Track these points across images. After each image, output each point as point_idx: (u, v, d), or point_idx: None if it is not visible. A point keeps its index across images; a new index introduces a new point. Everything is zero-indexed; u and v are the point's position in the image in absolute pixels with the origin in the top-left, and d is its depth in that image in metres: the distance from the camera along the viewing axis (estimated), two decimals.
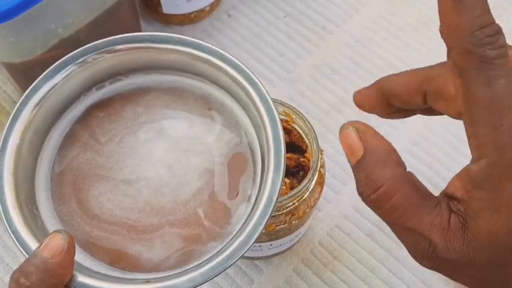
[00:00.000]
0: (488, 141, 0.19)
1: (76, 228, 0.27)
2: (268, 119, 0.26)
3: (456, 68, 0.20)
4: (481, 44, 0.19)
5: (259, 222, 0.24)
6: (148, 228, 0.27)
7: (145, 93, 0.30)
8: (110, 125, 0.29)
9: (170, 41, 0.28)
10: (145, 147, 0.29)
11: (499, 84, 0.19)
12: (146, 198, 0.27)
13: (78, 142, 0.29)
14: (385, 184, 0.22)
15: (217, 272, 0.24)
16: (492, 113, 0.19)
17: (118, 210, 0.27)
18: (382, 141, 0.23)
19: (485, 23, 0.19)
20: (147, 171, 0.28)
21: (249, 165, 0.28)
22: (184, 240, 0.27)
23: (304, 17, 0.52)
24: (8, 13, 0.33)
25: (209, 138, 0.29)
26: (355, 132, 0.23)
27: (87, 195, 0.28)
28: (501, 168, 0.19)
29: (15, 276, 0.23)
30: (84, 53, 0.28)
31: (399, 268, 0.41)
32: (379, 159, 0.22)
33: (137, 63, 0.30)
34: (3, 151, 0.26)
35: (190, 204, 0.27)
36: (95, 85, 0.30)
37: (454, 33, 0.19)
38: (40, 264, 0.22)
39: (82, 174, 0.28)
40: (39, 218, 0.27)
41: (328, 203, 0.43)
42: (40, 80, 0.28)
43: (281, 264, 0.41)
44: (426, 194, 0.22)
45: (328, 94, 0.48)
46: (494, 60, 0.19)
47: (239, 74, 0.27)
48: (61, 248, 0.23)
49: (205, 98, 0.30)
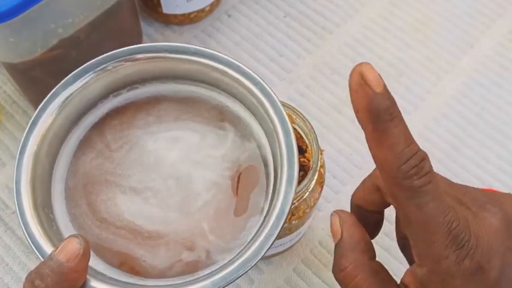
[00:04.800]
0: (426, 254, 0.22)
1: (87, 230, 0.27)
2: (282, 131, 0.27)
3: (391, 195, 0.22)
4: (407, 176, 0.21)
5: (271, 234, 0.24)
6: (153, 235, 0.27)
7: (159, 102, 0.31)
8: (121, 132, 0.30)
9: (187, 51, 0.29)
10: (155, 157, 0.29)
11: (428, 207, 0.21)
12: (152, 207, 0.28)
13: (92, 147, 0.30)
14: (348, 267, 0.25)
15: (229, 281, 0.24)
16: (426, 232, 0.22)
17: (125, 214, 0.28)
18: (357, 231, 0.26)
19: (409, 155, 0.21)
20: (155, 181, 0.28)
21: (261, 178, 0.28)
22: (189, 251, 0.27)
23: (304, 17, 0.52)
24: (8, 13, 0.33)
25: (220, 151, 0.29)
26: (338, 219, 0.27)
27: (96, 199, 0.28)
28: (439, 275, 0.22)
29: (30, 278, 0.23)
30: (104, 61, 0.29)
31: (399, 268, 0.41)
32: (349, 245, 0.26)
33: (154, 73, 0.30)
34: (21, 156, 0.27)
35: (195, 217, 0.27)
36: (112, 92, 0.30)
37: (383, 167, 0.21)
38: (55, 267, 0.23)
39: (93, 178, 0.29)
40: (55, 222, 0.27)
41: (328, 203, 0.43)
42: (60, 86, 0.28)
43: (281, 264, 0.41)
44: (386, 279, 0.26)
45: (328, 94, 0.48)
46: (421, 188, 0.21)
47: (255, 86, 0.28)
48: (76, 253, 0.23)
49: (220, 108, 0.30)
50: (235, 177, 0.28)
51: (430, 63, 0.50)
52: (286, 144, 0.26)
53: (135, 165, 0.29)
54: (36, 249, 0.25)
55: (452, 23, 0.52)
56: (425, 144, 0.46)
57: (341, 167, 0.45)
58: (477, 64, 0.49)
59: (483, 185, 0.44)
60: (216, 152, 0.29)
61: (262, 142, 0.29)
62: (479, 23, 0.52)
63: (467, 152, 0.46)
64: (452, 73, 0.49)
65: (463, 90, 0.48)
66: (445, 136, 0.46)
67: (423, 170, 0.21)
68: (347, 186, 0.44)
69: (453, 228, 0.21)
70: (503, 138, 0.46)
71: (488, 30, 0.51)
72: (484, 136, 0.46)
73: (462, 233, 0.22)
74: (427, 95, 0.48)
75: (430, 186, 0.21)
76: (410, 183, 0.21)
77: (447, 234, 0.21)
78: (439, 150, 0.45)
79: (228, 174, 0.28)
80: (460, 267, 0.22)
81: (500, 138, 0.46)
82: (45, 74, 0.40)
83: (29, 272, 0.23)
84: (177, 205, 0.28)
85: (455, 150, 0.46)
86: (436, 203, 0.21)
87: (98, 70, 0.29)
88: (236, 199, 0.28)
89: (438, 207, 0.21)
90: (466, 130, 0.46)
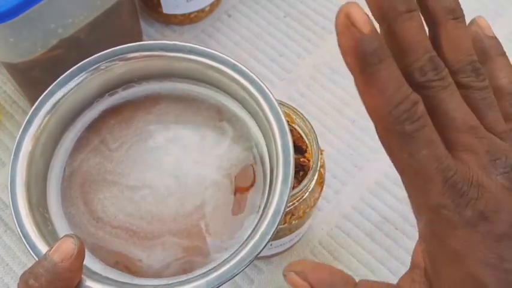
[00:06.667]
0: (423, 204, 0.21)
1: (82, 229, 0.27)
2: (278, 130, 0.26)
3: (384, 145, 0.21)
4: (399, 121, 0.19)
5: (266, 232, 0.24)
6: (149, 234, 0.27)
7: (157, 101, 0.31)
8: (120, 132, 0.30)
9: (183, 49, 0.29)
10: (154, 156, 0.29)
11: (421, 155, 0.20)
12: (149, 206, 0.28)
13: (89, 147, 0.29)
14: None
15: (224, 280, 0.24)
16: (420, 180, 0.20)
17: (121, 215, 0.28)
18: (322, 271, 0.25)
19: (399, 100, 0.19)
20: (153, 180, 0.28)
21: (258, 177, 0.28)
22: (185, 251, 0.27)
23: (304, 17, 0.52)
24: (8, 13, 0.33)
25: (219, 150, 0.29)
26: (296, 275, 0.25)
27: (94, 198, 0.28)
28: (439, 225, 0.21)
29: (24, 278, 0.23)
30: (98, 60, 0.29)
31: (399, 268, 0.41)
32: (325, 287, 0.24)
33: (150, 71, 0.30)
34: (16, 155, 0.27)
35: (192, 216, 0.27)
36: (108, 91, 0.30)
37: (374, 113, 0.20)
38: (50, 267, 0.23)
39: (90, 177, 0.29)
40: (50, 221, 0.27)
41: (328, 203, 0.43)
42: (54, 85, 0.28)
43: (281, 264, 0.41)
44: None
45: (328, 94, 0.48)
46: (413, 134, 0.20)
47: (251, 84, 0.28)
48: (71, 253, 0.23)
49: (217, 107, 0.30)
50: (233, 177, 0.28)
51: None
52: (282, 143, 0.26)
53: (134, 164, 0.29)
54: (31, 249, 0.25)
55: None
56: None
57: (341, 167, 0.45)
58: None
59: None
60: (214, 152, 0.29)
61: (259, 141, 0.29)
62: None
63: None
64: None
65: None
66: None
67: (415, 114, 0.19)
68: (347, 186, 0.44)
69: (449, 177, 0.20)
70: None
71: None
72: None
73: (460, 183, 0.20)
74: None
75: (423, 132, 0.20)
76: (402, 129, 0.19)
77: (443, 183, 0.20)
78: None
79: (226, 173, 0.28)
80: (460, 216, 0.20)
81: None
82: (45, 74, 0.40)
83: (24, 272, 0.23)
84: (175, 204, 0.28)
85: None
86: (429, 150, 0.20)
87: (92, 69, 0.28)
88: (233, 198, 0.28)
89: (432, 155, 0.20)
90: None
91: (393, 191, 0.44)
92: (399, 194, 0.44)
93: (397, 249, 0.42)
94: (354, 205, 0.43)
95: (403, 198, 0.43)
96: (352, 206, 0.43)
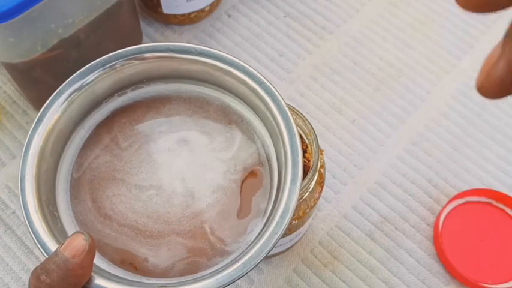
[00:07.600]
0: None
1: (89, 226, 0.28)
2: (286, 130, 0.27)
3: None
4: None
5: (275, 232, 0.24)
6: (154, 234, 0.27)
7: (167, 102, 0.31)
8: (131, 131, 0.30)
9: (192, 51, 0.29)
10: (163, 157, 0.29)
11: None
12: (155, 206, 0.28)
13: (99, 145, 0.30)
14: None
15: (233, 279, 0.24)
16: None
17: (129, 213, 0.28)
18: None
19: None
20: (161, 180, 0.28)
21: (265, 180, 0.28)
22: (189, 251, 0.27)
23: (304, 17, 0.52)
24: (8, 13, 0.33)
25: (227, 154, 0.29)
26: None
27: (102, 196, 0.28)
28: None
29: (36, 273, 0.23)
30: (110, 60, 0.29)
31: (399, 268, 0.41)
32: None
33: (158, 72, 0.30)
34: (26, 153, 0.27)
35: (197, 218, 0.28)
36: (117, 92, 0.30)
37: None
38: (61, 263, 0.23)
39: (99, 175, 0.29)
40: (59, 219, 0.27)
41: (328, 203, 0.43)
42: (65, 84, 0.28)
43: (281, 264, 0.41)
44: None
45: (328, 94, 0.48)
46: None
47: (259, 86, 0.28)
48: (82, 249, 0.23)
49: (224, 108, 0.30)
50: (240, 181, 0.28)
51: (430, 63, 0.50)
52: (291, 143, 0.26)
53: (143, 163, 0.29)
54: (41, 247, 0.25)
55: (452, 23, 0.52)
56: (426, 144, 0.46)
57: (341, 167, 0.45)
58: (477, 64, 0.49)
59: (483, 185, 0.44)
60: (223, 155, 0.29)
61: (266, 142, 0.29)
62: (479, 23, 0.52)
63: (467, 152, 0.46)
64: (452, 73, 0.49)
65: (463, 90, 0.48)
66: (445, 136, 0.46)
67: None
68: (347, 186, 0.44)
69: None
70: (503, 138, 0.46)
71: (488, 31, 0.51)
72: (484, 136, 0.46)
73: None
74: (427, 95, 0.48)
75: None
76: None
77: None
78: (439, 150, 0.45)
79: (233, 177, 0.28)
80: None
81: (500, 138, 0.46)
82: (45, 74, 0.40)
83: (35, 268, 0.23)
84: (180, 205, 0.28)
85: (455, 150, 0.46)
86: None
87: (103, 69, 0.29)
88: (240, 202, 0.28)
89: None
90: (466, 130, 0.46)
91: (393, 191, 0.44)
92: (399, 194, 0.44)
93: (397, 249, 0.42)
94: (354, 205, 0.43)
95: (403, 198, 0.44)
96: (352, 206, 0.43)
